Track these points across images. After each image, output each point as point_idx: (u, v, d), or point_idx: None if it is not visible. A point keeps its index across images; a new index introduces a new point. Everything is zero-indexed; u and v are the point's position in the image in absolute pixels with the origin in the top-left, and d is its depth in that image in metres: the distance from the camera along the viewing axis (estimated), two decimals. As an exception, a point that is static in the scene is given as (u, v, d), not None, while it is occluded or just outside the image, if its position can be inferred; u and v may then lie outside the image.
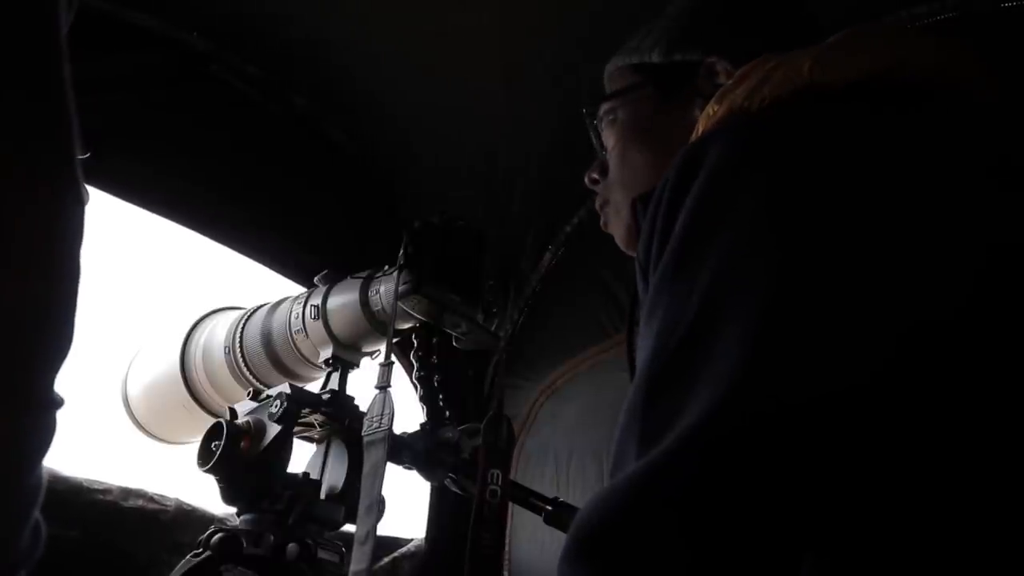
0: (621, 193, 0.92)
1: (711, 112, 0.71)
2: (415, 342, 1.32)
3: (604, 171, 0.97)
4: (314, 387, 1.34)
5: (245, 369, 1.41)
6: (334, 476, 1.25)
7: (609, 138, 0.95)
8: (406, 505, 2.23)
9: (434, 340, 1.30)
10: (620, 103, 0.94)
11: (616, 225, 0.95)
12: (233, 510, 1.24)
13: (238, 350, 1.41)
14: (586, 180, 1.00)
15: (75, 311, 0.53)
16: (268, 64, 2.00)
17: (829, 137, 0.61)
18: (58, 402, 0.52)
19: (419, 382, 1.30)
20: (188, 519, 1.82)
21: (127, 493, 1.80)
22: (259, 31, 1.92)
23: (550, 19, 1.80)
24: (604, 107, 0.95)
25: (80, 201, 0.53)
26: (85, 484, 1.75)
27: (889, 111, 0.63)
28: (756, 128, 0.65)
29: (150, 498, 1.82)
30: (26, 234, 0.49)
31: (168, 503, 1.84)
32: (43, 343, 0.51)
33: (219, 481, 1.21)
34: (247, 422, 1.24)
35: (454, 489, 1.22)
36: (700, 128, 0.72)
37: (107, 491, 1.77)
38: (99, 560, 1.69)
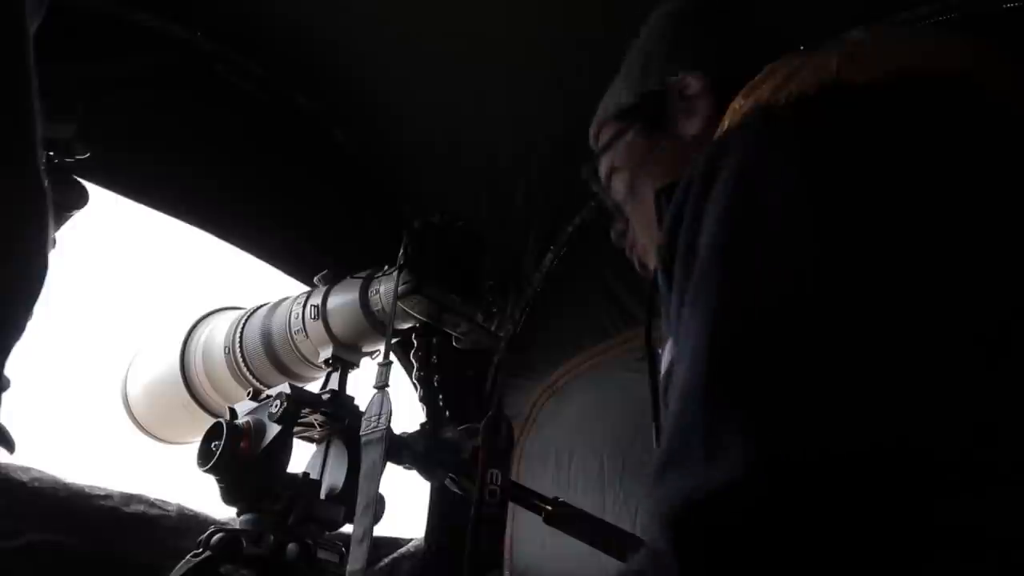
0: (646, 234, 0.94)
1: (737, 107, 0.72)
2: (415, 342, 1.32)
3: (625, 221, 0.99)
4: (314, 387, 1.34)
5: (245, 369, 1.41)
6: (334, 476, 1.25)
7: (620, 189, 0.98)
8: (406, 505, 2.24)
9: (434, 340, 1.30)
10: (615, 153, 0.96)
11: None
12: (233, 511, 1.24)
13: (238, 350, 1.41)
14: (612, 238, 1.02)
15: (32, 298, 0.52)
16: (271, 64, 2.00)
17: (857, 132, 0.61)
18: (4, 385, 0.52)
19: (419, 382, 1.30)
20: (190, 524, 1.82)
21: (128, 499, 1.79)
22: (263, 32, 1.93)
23: (552, 19, 1.80)
24: (604, 164, 0.98)
25: (40, 189, 0.52)
26: (86, 490, 1.75)
27: (916, 109, 0.63)
28: (783, 122, 0.65)
29: (151, 503, 1.82)
30: None
31: (169, 508, 1.83)
32: None
33: (219, 481, 1.21)
34: (247, 422, 1.24)
35: (454, 489, 1.22)
36: (726, 123, 0.73)
37: (108, 496, 1.77)
38: (100, 566, 1.68)
